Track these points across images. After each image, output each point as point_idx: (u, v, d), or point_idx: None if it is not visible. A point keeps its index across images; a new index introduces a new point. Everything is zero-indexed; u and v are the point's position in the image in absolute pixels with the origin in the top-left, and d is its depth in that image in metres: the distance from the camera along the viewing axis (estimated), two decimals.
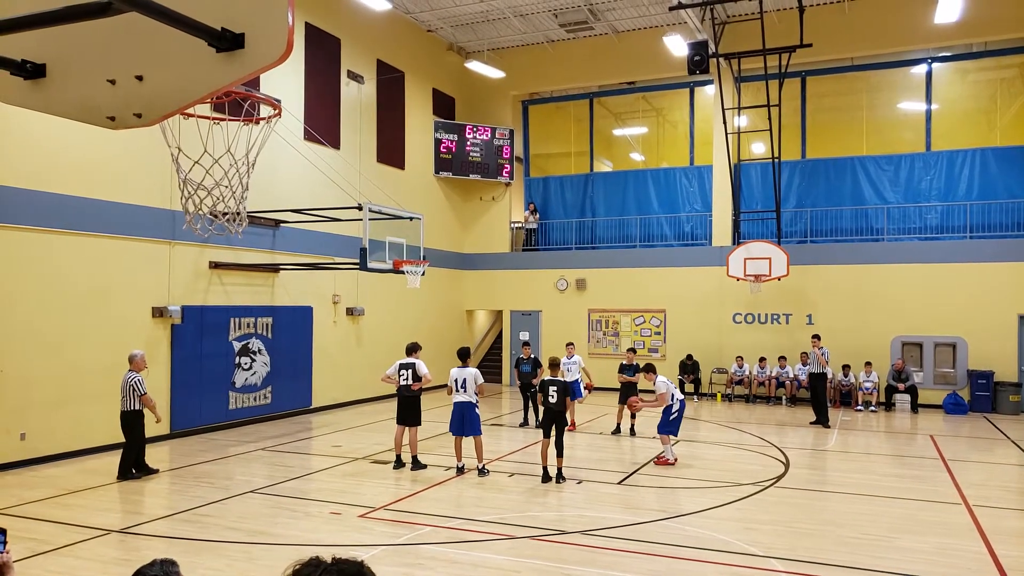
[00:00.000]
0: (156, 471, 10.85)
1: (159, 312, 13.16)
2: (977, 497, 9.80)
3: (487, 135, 22.66)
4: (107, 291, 12.36)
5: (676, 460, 11.78)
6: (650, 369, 12.38)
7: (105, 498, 9.51)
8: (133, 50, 2.92)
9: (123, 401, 10.53)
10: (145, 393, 10.56)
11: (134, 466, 10.62)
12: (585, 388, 14.95)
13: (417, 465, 11.13)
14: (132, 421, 10.52)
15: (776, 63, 18.19)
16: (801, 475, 11.25)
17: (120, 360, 12.40)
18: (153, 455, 12.06)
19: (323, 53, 17.42)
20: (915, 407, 18.00)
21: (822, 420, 15.76)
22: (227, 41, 2.76)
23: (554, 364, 10.88)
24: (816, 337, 16.27)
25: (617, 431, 14.55)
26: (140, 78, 2.94)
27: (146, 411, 10.65)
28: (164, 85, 2.95)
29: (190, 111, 8.88)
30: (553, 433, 10.46)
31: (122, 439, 10.67)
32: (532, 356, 15.17)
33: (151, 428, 12.98)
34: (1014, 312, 17.95)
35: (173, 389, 13.47)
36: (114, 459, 11.05)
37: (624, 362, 14.78)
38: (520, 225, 23.93)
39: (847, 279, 19.34)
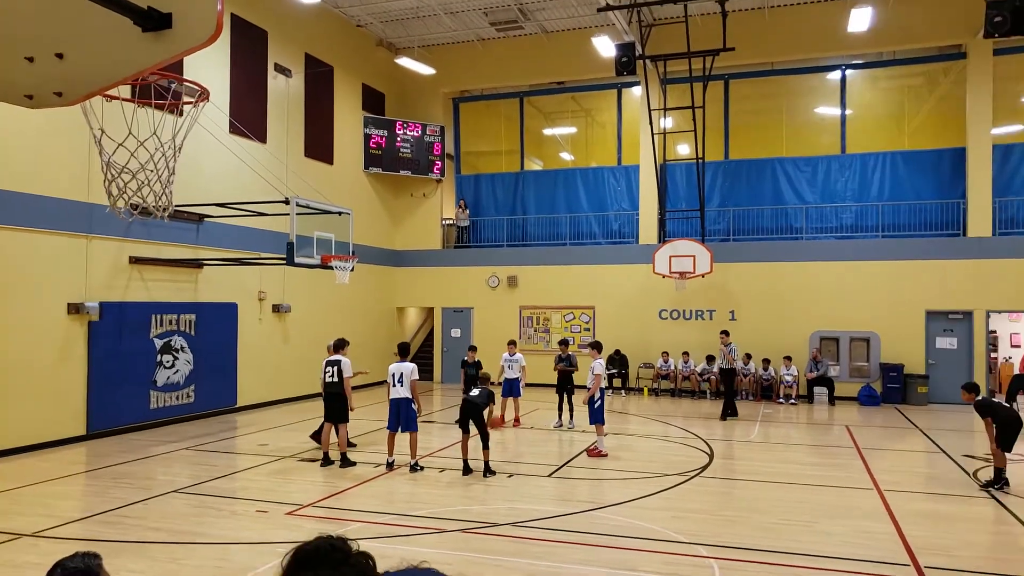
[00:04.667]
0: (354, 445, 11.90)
1: (75, 308, 12.62)
2: (888, 482, 10.32)
3: (418, 131, 22.54)
4: (17, 287, 11.77)
5: (607, 453, 12.01)
6: (596, 347, 12.62)
7: (15, 501, 9.07)
8: (53, 27, 2.83)
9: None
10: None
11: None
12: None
13: (346, 462, 11.01)
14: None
15: (700, 66, 18.69)
16: (725, 465, 11.62)
17: (31, 358, 11.91)
18: (68, 457, 11.64)
19: (249, 45, 17.01)
20: (832, 399, 18.78)
21: (730, 413, 16.24)
22: (153, 20, 2.71)
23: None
24: (724, 333, 16.77)
25: (560, 424, 14.74)
26: (60, 56, 2.85)
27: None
28: (86, 64, 2.86)
29: (113, 93, 8.56)
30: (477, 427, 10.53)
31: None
32: (477, 360, 15.09)
33: (67, 430, 12.53)
34: (921, 308, 18.92)
35: (90, 388, 12.93)
36: (27, 461, 10.59)
37: (560, 354, 15.00)
38: (451, 222, 23.89)
39: (768, 276, 20.02)
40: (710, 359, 19.51)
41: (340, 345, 11.46)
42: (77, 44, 2.83)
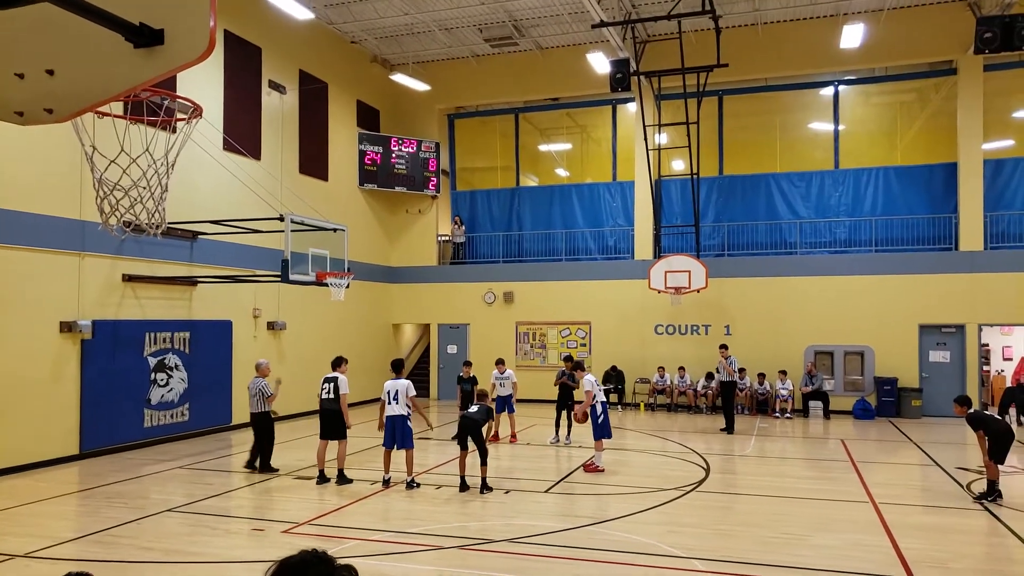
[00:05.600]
0: (277, 470, 11.78)
1: (67, 327, 12.57)
2: (883, 495, 10.30)
3: (413, 148, 22.62)
4: (9, 305, 11.72)
5: (604, 469, 11.96)
6: (579, 367, 12.68)
7: (7, 522, 9.00)
8: (44, 43, 2.84)
9: (252, 403, 11.78)
10: (272, 395, 11.76)
11: (260, 466, 11.82)
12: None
13: (343, 479, 10.95)
14: (261, 422, 11.78)
15: (695, 82, 18.83)
16: (721, 479, 11.58)
17: (23, 377, 11.85)
18: (61, 476, 11.56)
19: (243, 62, 17.09)
20: (827, 413, 18.77)
21: (728, 428, 16.25)
22: (146, 36, 2.71)
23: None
24: (723, 347, 16.80)
25: (556, 440, 14.70)
26: (51, 72, 2.86)
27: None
28: (77, 80, 2.87)
29: (105, 110, 8.58)
30: (474, 444, 10.49)
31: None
32: (473, 375, 15.13)
33: (59, 449, 12.45)
34: (915, 322, 18.97)
35: (83, 407, 12.85)
36: (20, 481, 10.54)
37: (563, 369, 14.98)
38: (447, 238, 23.92)
39: (762, 291, 20.07)
40: (709, 376, 19.48)
41: (338, 363, 11.49)
42: (68, 60, 2.84)
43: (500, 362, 15.16)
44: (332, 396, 11.09)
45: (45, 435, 12.25)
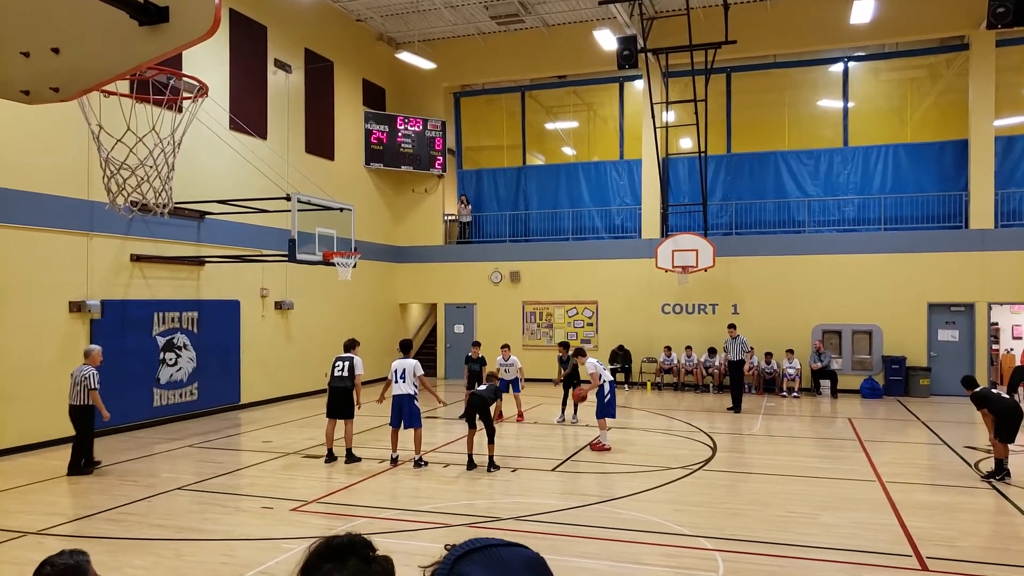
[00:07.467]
0: (99, 463, 10.65)
1: (77, 307, 12.63)
2: (891, 474, 10.31)
3: (419, 127, 22.51)
4: (19, 286, 11.78)
5: (610, 447, 12.00)
6: (580, 353, 12.76)
7: (19, 500, 9.10)
8: (49, 21, 2.82)
9: (72, 394, 10.26)
10: (95, 388, 10.27)
11: (84, 462, 10.38)
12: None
13: (351, 458, 11.03)
14: (81, 415, 10.28)
15: (703, 59, 18.64)
16: (728, 458, 11.61)
17: (33, 357, 11.93)
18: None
19: (249, 41, 16.99)
20: (835, 392, 18.76)
21: (735, 407, 16.27)
22: (151, 14, 2.69)
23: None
24: (732, 326, 16.79)
25: (562, 419, 14.77)
26: (56, 51, 2.84)
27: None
28: (83, 59, 2.85)
29: (111, 89, 8.55)
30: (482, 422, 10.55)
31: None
32: (481, 356, 15.22)
33: (70, 428, 12.51)
34: (923, 300, 18.88)
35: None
36: (26, 460, 10.63)
37: (560, 355, 15.06)
38: (454, 218, 23.87)
39: (770, 269, 19.98)
40: (712, 352, 19.49)
41: (351, 345, 11.57)
42: (73, 39, 2.82)
43: (505, 347, 15.29)
44: (346, 374, 11.15)
45: (56, 414, 12.28)
